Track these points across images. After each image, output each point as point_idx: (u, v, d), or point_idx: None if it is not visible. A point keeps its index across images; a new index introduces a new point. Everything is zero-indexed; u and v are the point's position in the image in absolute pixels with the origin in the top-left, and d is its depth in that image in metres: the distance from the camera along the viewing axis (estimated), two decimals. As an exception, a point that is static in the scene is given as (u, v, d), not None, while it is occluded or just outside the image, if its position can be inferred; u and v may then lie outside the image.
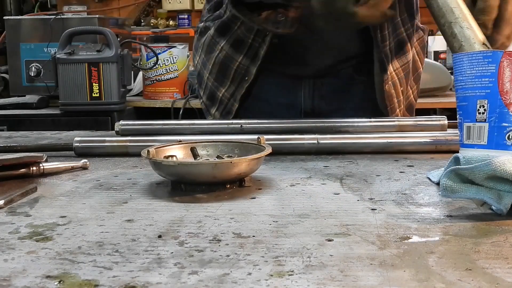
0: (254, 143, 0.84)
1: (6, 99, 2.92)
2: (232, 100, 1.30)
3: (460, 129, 0.73)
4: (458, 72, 0.73)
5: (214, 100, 1.34)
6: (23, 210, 0.68)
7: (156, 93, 3.04)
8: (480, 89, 0.70)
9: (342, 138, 1.02)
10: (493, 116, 0.69)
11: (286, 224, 0.61)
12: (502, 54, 0.69)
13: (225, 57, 1.28)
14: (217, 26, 1.29)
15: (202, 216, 0.64)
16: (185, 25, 3.70)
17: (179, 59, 3.03)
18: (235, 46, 1.26)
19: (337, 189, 0.76)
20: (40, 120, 2.70)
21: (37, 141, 1.16)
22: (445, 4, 0.88)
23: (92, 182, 0.82)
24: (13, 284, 0.46)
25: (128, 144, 1.01)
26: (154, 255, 0.52)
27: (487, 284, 0.45)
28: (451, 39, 0.87)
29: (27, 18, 3.06)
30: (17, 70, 2.90)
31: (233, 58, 1.27)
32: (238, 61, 1.26)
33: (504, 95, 0.68)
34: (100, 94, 2.62)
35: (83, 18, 3.12)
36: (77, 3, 3.81)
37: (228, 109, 1.31)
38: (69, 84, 2.62)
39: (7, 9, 3.93)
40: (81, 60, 2.60)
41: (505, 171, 0.59)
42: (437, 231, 0.58)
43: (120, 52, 2.61)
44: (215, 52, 1.30)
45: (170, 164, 0.77)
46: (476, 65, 0.70)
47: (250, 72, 1.25)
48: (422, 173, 0.84)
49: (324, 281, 0.46)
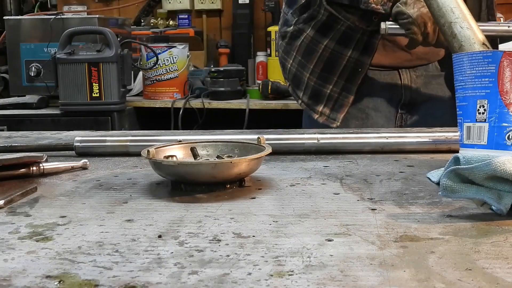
0: (254, 143, 0.84)
1: (6, 99, 2.92)
2: (345, 93, 1.38)
3: (460, 129, 0.73)
4: (458, 72, 0.73)
5: (320, 97, 1.40)
6: (23, 210, 0.68)
7: (156, 93, 3.04)
8: (480, 89, 0.70)
9: (342, 138, 1.02)
10: (493, 116, 0.69)
11: (286, 224, 0.61)
12: (502, 54, 0.69)
13: (331, 54, 1.35)
14: (317, 27, 1.37)
15: (202, 216, 0.64)
16: (185, 25, 3.70)
17: (179, 59, 3.03)
18: (341, 42, 1.35)
19: (337, 189, 0.76)
20: (40, 120, 2.70)
21: (37, 141, 1.16)
22: (445, 4, 0.88)
23: (92, 182, 0.82)
24: (13, 284, 0.46)
25: (129, 144, 1.01)
26: (154, 255, 0.52)
27: (487, 284, 0.45)
28: (451, 39, 0.87)
29: (27, 18, 3.06)
30: (17, 70, 2.90)
31: (341, 53, 1.35)
32: (348, 55, 1.35)
33: (504, 95, 0.68)
34: (100, 94, 2.62)
35: (83, 18, 3.11)
36: (77, 3, 3.80)
37: (340, 103, 1.39)
38: (69, 84, 2.62)
39: (7, 9, 3.93)
40: (81, 60, 2.60)
41: (505, 171, 0.59)
42: (437, 231, 0.58)
43: (120, 52, 2.61)
44: (317, 52, 1.38)
45: (170, 164, 0.77)
46: (476, 65, 0.70)
47: (364, 63, 1.34)
48: (422, 173, 0.84)
49: (324, 281, 0.46)
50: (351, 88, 1.37)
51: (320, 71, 1.39)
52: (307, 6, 1.39)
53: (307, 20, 1.39)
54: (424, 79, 1.43)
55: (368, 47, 1.33)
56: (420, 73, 1.43)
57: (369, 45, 1.33)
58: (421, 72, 1.43)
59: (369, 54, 1.34)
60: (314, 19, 1.37)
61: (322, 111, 1.41)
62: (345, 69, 1.36)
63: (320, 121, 1.41)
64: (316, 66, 1.39)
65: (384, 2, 1.22)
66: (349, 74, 1.37)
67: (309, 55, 1.39)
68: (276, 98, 2.92)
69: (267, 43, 3.27)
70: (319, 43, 1.37)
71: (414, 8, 1.20)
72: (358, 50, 1.34)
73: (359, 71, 1.35)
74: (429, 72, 1.44)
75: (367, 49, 1.34)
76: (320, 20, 1.36)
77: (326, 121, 1.41)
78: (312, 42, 1.38)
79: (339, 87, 1.38)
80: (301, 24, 1.40)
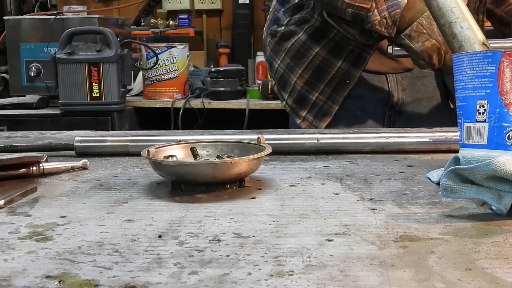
0: (254, 143, 0.84)
1: (6, 99, 2.92)
2: (330, 103, 1.38)
3: (460, 129, 0.73)
4: (458, 72, 0.73)
5: (305, 103, 1.41)
6: (23, 210, 0.68)
7: (156, 93, 3.04)
8: (480, 89, 0.70)
9: (342, 138, 1.02)
10: (493, 116, 0.69)
11: (286, 224, 0.61)
12: (502, 54, 0.69)
13: (321, 62, 1.35)
14: (310, 32, 1.36)
15: (202, 216, 0.64)
16: (185, 25, 3.70)
17: (179, 59, 3.03)
18: (333, 51, 1.35)
19: (337, 189, 0.76)
20: (40, 120, 2.70)
21: (37, 141, 1.16)
22: (445, 4, 0.88)
23: (92, 182, 0.82)
24: (13, 284, 0.46)
25: (129, 144, 1.01)
26: (154, 255, 0.52)
27: (487, 284, 0.45)
28: (451, 39, 0.87)
29: (27, 18, 3.06)
30: (17, 70, 2.90)
31: (331, 63, 1.35)
32: (337, 66, 1.35)
33: (504, 95, 0.68)
34: (100, 94, 2.62)
35: (83, 18, 3.12)
36: (77, 3, 3.80)
37: (324, 111, 1.39)
38: (69, 84, 2.62)
39: (7, 9, 3.93)
40: (81, 60, 2.60)
41: (505, 171, 0.59)
42: (437, 231, 0.58)
43: (120, 52, 2.61)
44: (307, 58, 1.38)
45: (170, 164, 0.77)
46: (476, 65, 0.70)
47: (353, 75, 1.35)
48: (422, 173, 0.84)
49: (324, 281, 0.46)
50: (337, 99, 1.37)
51: (308, 77, 1.39)
52: (300, 7, 1.39)
53: (299, 22, 1.38)
54: (409, 80, 1.45)
55: (359, 60, 1.34)
56: (405, 75, 1.45)
57: (360, 58, 1.34)
58: (406, 75, 1.45)
59: (359, 67, 1.34)
60: (307, 22, 1.37)
61: (305, 117, 1.41)
62: (333, 79, 1.36)
63: (303, 126, 1.42)
64: (304, 71, 1.39)
65: (389, 26, 1.22)
66: (337, 85, 1.37)
67: (298, 59, 1.39)
68: (276, 98, 2.91)
69: (267, 43, 3.27)
70: (310, 49, 1.37)
71: (419, 42, 1.21)
72: (348, 62, 1.34)
73: (347, 83, 1.36)
74: (413, 74, 1.46)
75: (357, 62, 1.34)
76: (313, 25, 1.36)
77: (308, 127, 1.41)
78: (303, 47, 1.38)
79: (325, 95, 1.38)
80: (293, 26, 1.39)
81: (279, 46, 1.43)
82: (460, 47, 0.85)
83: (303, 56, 1.38)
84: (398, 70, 1.44)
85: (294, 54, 1.40)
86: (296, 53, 1.39)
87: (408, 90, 1.44)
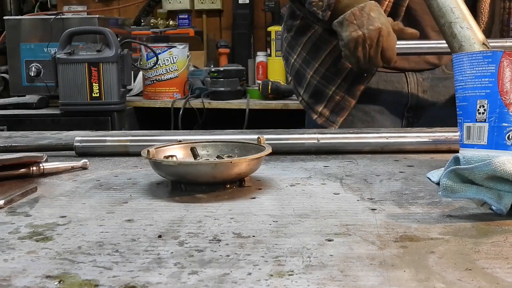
0: (254, 143, 0.84)
1: (6, 99, 2.92)
2: (347, 97, 1.35)
3: (460, 129, 0.73)
4: (458, 72, 0.73)
5: (321, 98, 1.38)
6: (23, 210, 0.68)
7: (156, 93, 3.04)
8: (480, 89, 0.70)
9: (342, 138, 1.02)
10: (493, 116, 0.69)
11: (286, 224, 0.61)
12: (502, 54, 0.69)
13: (339, 55, 1.30)
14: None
15: (202, 216, 0.64)
16: (185, 25, 3.70)
17: (179, 59, 3.03)
18: None
19: (337, 189, 0.76)
20: (40, 120, 2.70)
21: (37, 141, 1.16)
22: (445, 4, 0.88)
23: (92, 182, 0.82)
24: (13, 284, 0.46)
25: (129, 144, 1.01)
26: (154, 255, 0.52)
27: (487, 284, 0.45)
28: (451, 39, 0.87)
29: (27, 18, 3.06)
30: (17, 70, 2.90)
31: None
32: None
33: (504, 95, 0.68)
34: (100, 94, 2.62)
35: (83, 18, 3.11)
36: (77, 3, 3.80)
37: (341, 106, 1.36)
38: (69, 84, 2.62)
39: (7, 9, 3.93)
40: (81, 60, 2.59)
41: (505, 171, 0.59)
42: (437, 231, 0.58)
43: (120, 52, 2.61)
44: (324, 51, 1.35)
45: (170, 164, 0.77)
46: (476, 65, 0.70)
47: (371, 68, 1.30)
48: (422, 173, 0.84)
49: (324, 281, 0.46)
50: (354, 93, 1.34)
51: (325, 71, 1.36)
52: None
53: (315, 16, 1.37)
54: (430, 82, 1.40)
55: None
56: (426, 76, 1.40)
57: None
58: (428, 75, 1.41)
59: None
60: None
61: (321, 112, 1.38)
62: (350, 72, 1.33)
63: (319, 122, 1.39)
64: (321, 65, 1.36)
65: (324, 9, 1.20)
66: (354, 78, 1.34)
67: (315, 52, 1.37)
68: (276, 98, 2.93)
69: (267, 43, 3.28)
70: (328, 42, 1.34)
71: (347, 31, 1.18)
72: None
73: (365, 76, 1.33)
74: (435, 75, 1.41)
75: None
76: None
77: (324, 122, 1.38)
78: (320, 40, 1.36)
79: (342, 89, 1.35)
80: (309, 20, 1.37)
81: (295, 41, 1.42)
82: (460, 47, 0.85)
83: (320, 50, 1.36)
84: (420, 65, 1.39)
85: (310, 47, 1.38)
86: (313, 47, 1.38)
87: (429, 91, 1.40)
